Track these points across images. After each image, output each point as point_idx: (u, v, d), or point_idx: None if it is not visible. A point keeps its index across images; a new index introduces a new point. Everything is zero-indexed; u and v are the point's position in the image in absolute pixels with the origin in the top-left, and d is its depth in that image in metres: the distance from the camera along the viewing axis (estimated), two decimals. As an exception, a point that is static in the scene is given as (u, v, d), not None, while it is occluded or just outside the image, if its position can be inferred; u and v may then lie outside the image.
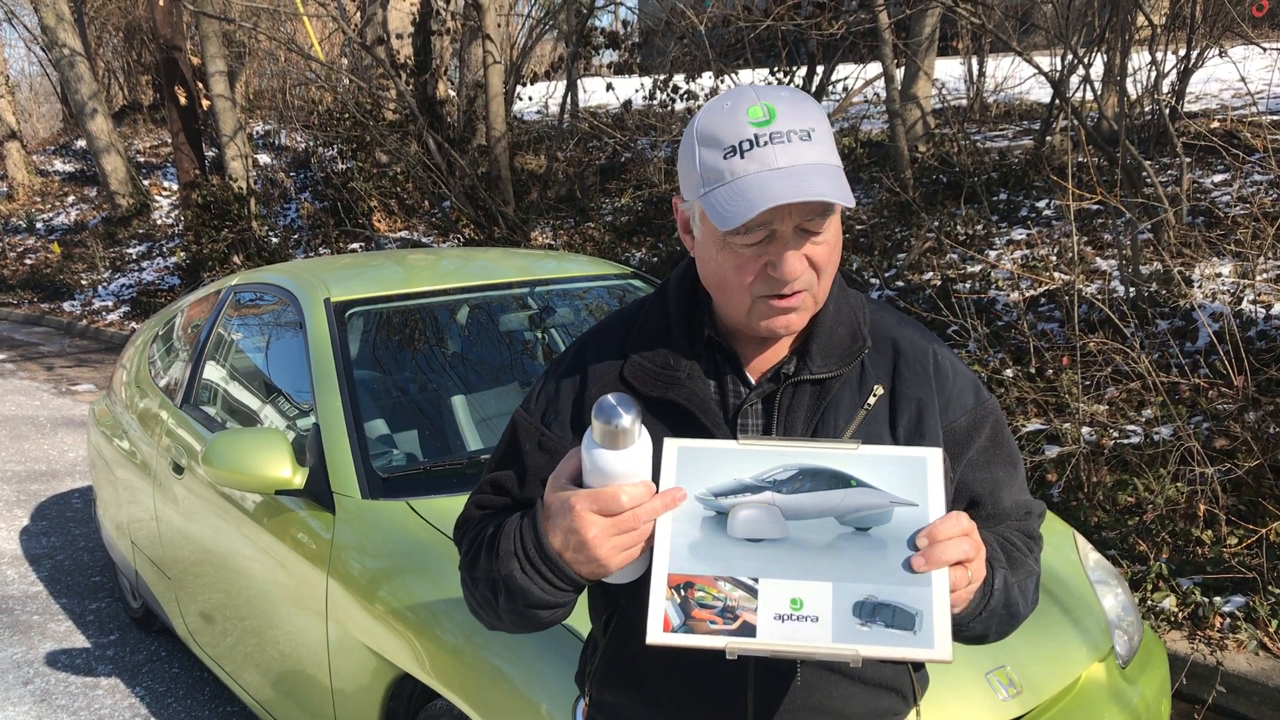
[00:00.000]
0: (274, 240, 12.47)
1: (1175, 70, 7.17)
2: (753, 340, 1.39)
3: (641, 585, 1.24)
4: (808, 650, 1.15)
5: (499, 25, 11.34)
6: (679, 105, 10.64)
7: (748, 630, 1.16)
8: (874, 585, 1.16)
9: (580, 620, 1.40)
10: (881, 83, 8.92)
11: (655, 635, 1.17)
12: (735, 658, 1.16)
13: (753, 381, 1.39)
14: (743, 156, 1.23)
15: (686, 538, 1.20)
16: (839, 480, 1.21)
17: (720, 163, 1.24)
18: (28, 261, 16.02)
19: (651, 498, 1.20)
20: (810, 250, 1.27)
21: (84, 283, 14.35)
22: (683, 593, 1.18)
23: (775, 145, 1.22)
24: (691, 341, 1.40)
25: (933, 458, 1.22)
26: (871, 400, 1.37)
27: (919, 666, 1.51)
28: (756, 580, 1.18)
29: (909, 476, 1.21)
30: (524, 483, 1.44)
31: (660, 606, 1.18)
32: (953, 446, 1.40)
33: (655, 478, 1.24)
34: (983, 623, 1.33)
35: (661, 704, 1.42)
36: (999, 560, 1.34)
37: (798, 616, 1.16)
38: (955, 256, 7.07)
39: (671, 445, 1.25)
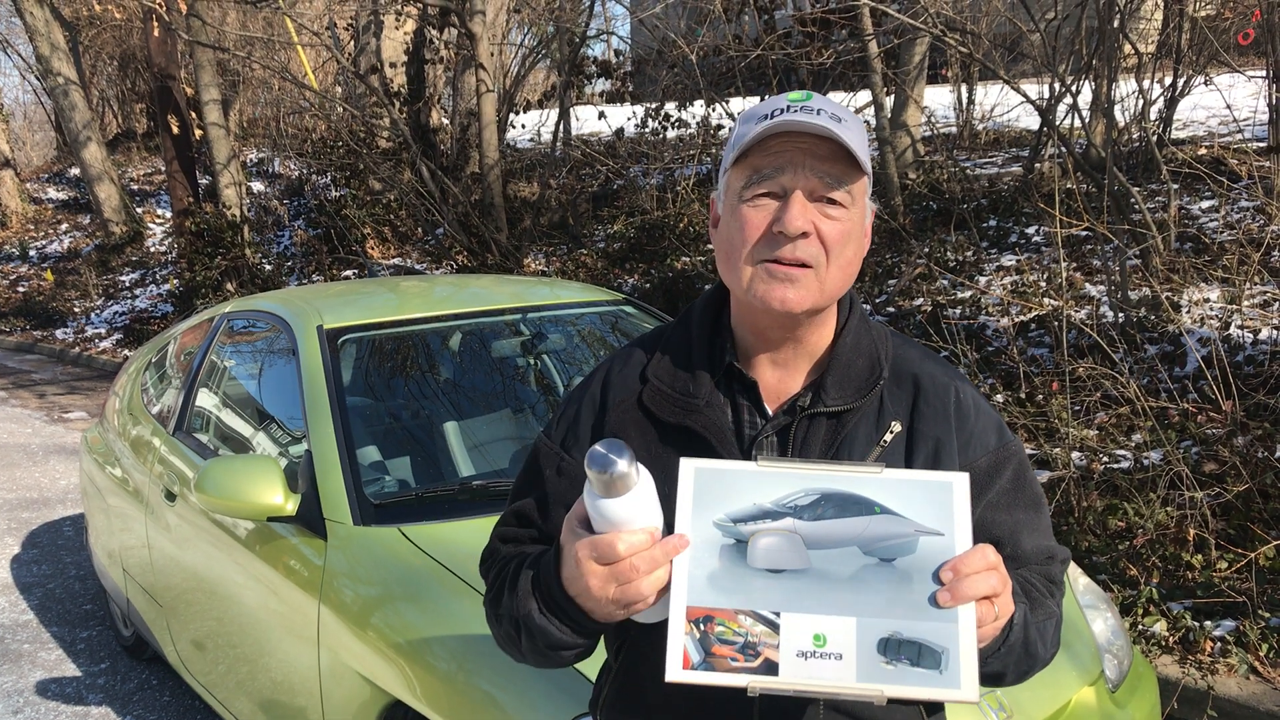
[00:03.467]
0: (267, 267, 12.49)
1: (1162, 98, 7.25)
2: (772, 367, 1.38)
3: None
4: (831, 690, 1.12)
5: (492, 54, 11.41)
6: (671, 133, 10.71)
7: (770, 668, 1.13)
8: (899, 621, 1.13)
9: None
10: (871, 111, 8.99)
11: (675, 673, 1.13)
12: (757, 696, 1.14)
13: (770, 413, 1.37)
14: (770, 118, 1.26)
15: (705, 567, 1.17)
16: (862, 507, 1.17)
17: (752, 127, 1.27)
18: (20, 289, 16.02)
19: (651, 545, 1.18)
20: (821, 221, 1.26)
21: (77, 310, 14.34)
22: (702, 627, 1.14)
23: (804, 113, 1.25)
24: (712, 369, 1.39)
25: (959, 483, 1.18)
26: (888, 437, 1.34)
27: (935, 709, 1.46)
28: (778, 614, 1.14)
29: (934, 502, 1.17)
30: (545, 510, 1.43)
31: (679, 642, 1.14)
32: (972, 487, 1.34)
33: (669, 509, 1.21)
34: (1000, 659, 1.29)
35: None
36: (1018, 595, 1.31)
37: (821, 654, 1.13)
38: (945, 283, 7.11)
39: (689, 465, 1.21)
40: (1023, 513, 1.41)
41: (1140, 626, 3.80)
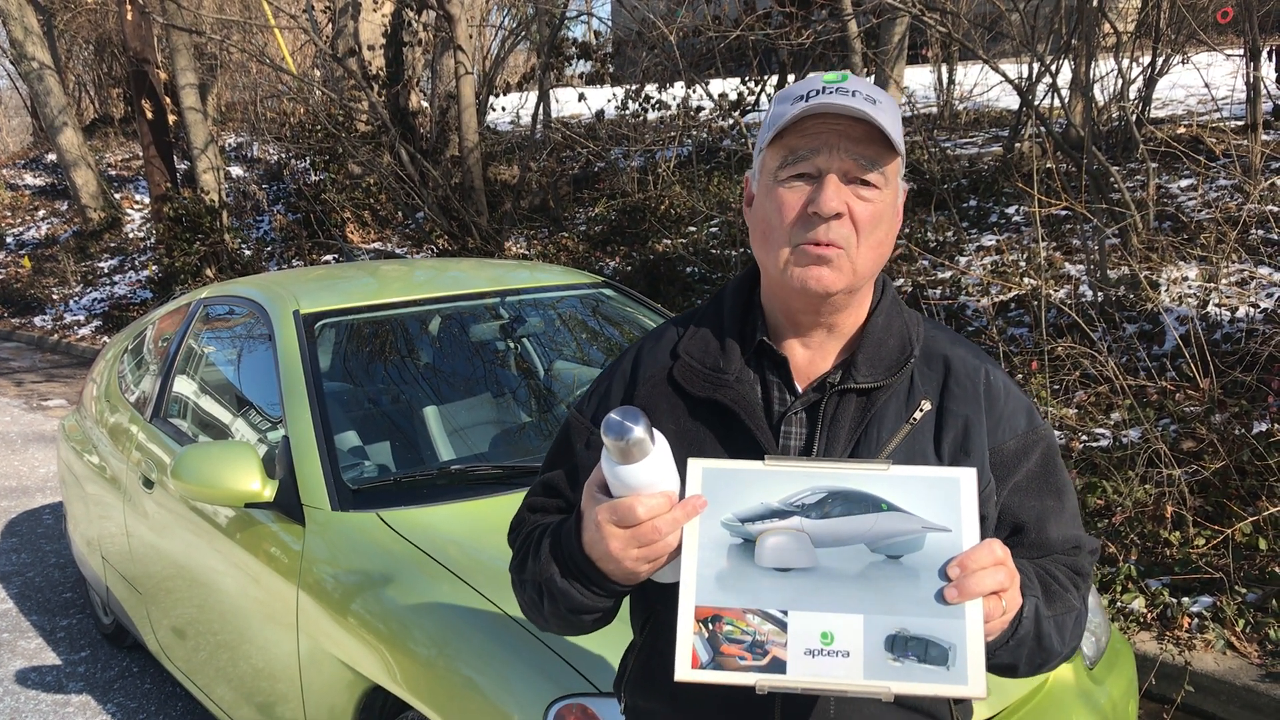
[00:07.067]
0: (247, 253, 12.41)
1: (1141, 77, 7.27)
2: (803, 347, 1.38)
3: (677, 598, 1.23)
4: (839, 687, 1.13)
5: (471, 36, 11.35)
6: (651, 115, 10.68)
7: (778, 666, 1.14)
8: (906, 617, 1.14)
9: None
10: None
11: (683, 671, 1.15)
12: (765, 694, 1.15)
13: (799, 390, 1.37)
14: (806, 100, 1.26)
15: (713, 567, 1.18)
16: (869, 504, 1.18)
17: (787, 108, 1.28)
18: (-3, 276, 15.88)
19: (671, 508, 1.20)
20: (854, 202, 1.27)
21: (55, 297, 14.23)
22: (711, 626, 1.16)
23: (839, 95, 1.25)
24: (743, 346, 1.40)
25: (966, 479, 1.19)
26: (918, 415, 1.34)
27: (962, 701, 1.45)
28: (786, 613, 1.15)
29: (941, 499, 1.18)
30: (575, 482, 1.44)
31: (688, 641, 1.16)
32: (999, 469, 1.37)
33: (683, 479, 1.22)
34: (1010, 652, 1.29)
35: (689, 715, 1.41)
36: (1031, 588, 1.30)
37: (829, 651, 1.14)
38: (926, 263, 7.12)
39: (696, 466, 1.22)
40: (1051, 499, 1.40)
41: (1119, 603, 3.83)
